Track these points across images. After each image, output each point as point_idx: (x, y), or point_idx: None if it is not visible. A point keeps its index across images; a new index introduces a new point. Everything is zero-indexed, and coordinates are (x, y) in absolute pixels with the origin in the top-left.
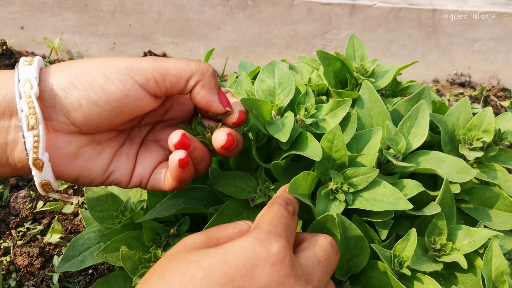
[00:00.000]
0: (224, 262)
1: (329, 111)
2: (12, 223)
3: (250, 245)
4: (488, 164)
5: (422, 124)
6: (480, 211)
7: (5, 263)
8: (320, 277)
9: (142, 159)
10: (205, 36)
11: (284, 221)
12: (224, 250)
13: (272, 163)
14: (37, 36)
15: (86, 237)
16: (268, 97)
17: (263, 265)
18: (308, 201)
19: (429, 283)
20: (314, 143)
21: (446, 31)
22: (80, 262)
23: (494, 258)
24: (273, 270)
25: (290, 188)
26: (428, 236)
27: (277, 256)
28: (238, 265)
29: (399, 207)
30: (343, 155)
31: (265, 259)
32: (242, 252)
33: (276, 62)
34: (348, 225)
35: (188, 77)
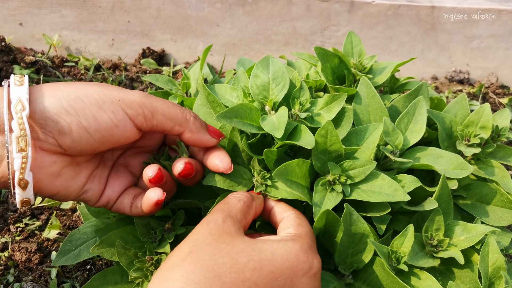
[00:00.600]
0: (272, 260)
1: (324, 106)
2: (10, 218)
3: (295, 253)
4: (486, 160)
5: (420, 120)
6: (478, 207)
7: (3, 259)
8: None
9: (112, 182)
10: (204, 33)
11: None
12: (272, 249)
13: (264, 151)
14: (36, 33)
15: (83, 232)
16: (263, 92)
17: (303, 275)
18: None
19: (426, 279)
20: (307, 134)
21: (445, 28)
22: (76, 256)
23: (491, 253)
24: (309, 281)
25: (278, 172)
26: (426, 232)
27: (315, 270)
28: (283, 268)
29: (397, 198)
30: (338, 148)
31: (306, 270)
32: (288, 257)
33: (271, 57)
34: (355, 217)
35: (175, 123)
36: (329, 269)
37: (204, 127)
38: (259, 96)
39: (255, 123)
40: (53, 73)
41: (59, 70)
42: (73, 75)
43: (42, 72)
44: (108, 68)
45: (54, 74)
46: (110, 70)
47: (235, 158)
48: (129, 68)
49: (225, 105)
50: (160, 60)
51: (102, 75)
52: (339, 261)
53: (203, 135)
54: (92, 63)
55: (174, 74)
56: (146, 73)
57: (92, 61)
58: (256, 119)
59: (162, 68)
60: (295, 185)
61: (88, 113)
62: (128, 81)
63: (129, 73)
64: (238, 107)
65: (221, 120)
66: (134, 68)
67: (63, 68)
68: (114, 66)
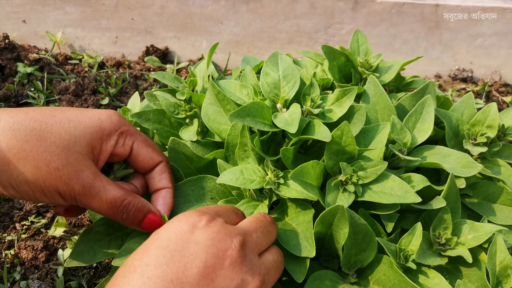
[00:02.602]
0: (156, 238)
1: (335, 101)
2: (16, 216)
3: (176, 220)
4: (492, 159)
5: (427, 119)
6: (484, 206)
7: (9, 257)
8: (251, 232)
9: None
10: (207, 31)
11: (221, 208)
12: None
13: (281, 150)
14: (39, 30)
15: (96, 231)
16: (274, 90)
17: (191, 229)
18: (314, 191)
19: (434, 277)
20: (323, 128)
21: (449, 26)
22: (91, 257)
23: (498, 252)
24: (200, 231)
25: (294, 174)
26: (433, 230)
27: (201, 222)
28: (168, 235)
29: (408, 200)
30: (353, 149)
31: (191, 226)
32: (171, 226)
33: (279, 53)
34: (356, 219)
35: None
36: (333, 268)
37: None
38: (270, 94)
39: (267, 121)
40: (57, 70)
41: (63, 68)
42: (77, 72)
43: (46, 69)
44: (111, 65)
45: (58, 71)
46: (113, 68)
47: (246, 158)
48: (133, 66)
49: (236, 103)
50: (164, 58)
51: (106, 73)
52: (344, 262)
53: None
54: (96, 60)
55: (178, 72)
56: (150, 70)
57: (95, 59)
58: (268, 117)
59: (165, 65)
60: (310, 187)
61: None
62: (132, 78)
63: (132, 70)
64: (250, 105)
65: (234, 119)
66: (137, 65)
67: (67, 66)
68: (117, 64)
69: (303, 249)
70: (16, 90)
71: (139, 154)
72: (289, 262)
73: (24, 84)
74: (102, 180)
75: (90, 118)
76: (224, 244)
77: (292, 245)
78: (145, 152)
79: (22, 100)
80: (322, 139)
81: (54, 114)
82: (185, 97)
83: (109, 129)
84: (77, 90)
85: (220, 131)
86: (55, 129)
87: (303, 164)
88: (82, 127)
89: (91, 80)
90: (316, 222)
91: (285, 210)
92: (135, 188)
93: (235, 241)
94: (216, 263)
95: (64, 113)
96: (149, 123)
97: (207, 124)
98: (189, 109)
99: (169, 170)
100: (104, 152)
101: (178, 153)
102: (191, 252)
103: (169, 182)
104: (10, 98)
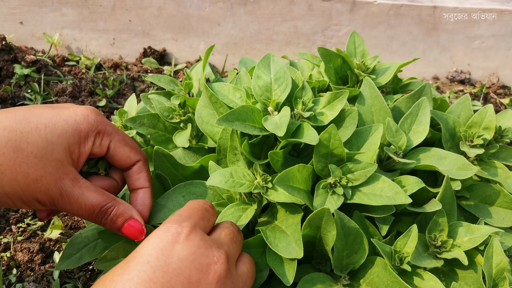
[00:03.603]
0: (136, 255)
1: (326, 104)
2: (12, 218)
3: (155, 235)
4: (489, 161)
5: (423, 121)
6: (481, 208)
7: (5, 259)
8: (229, 244)
9: None
10: (205, 32)
11: (194, 211)
12: (135, 249)
13: (269, 153)
14: (37, 32)
15: (84, 236)
16: (265, 93)
17: (171, 244)
18: (303, 196)
19: (430, 279)
20: (311, 131)
21: (447, 28)
22: (77, 259)
23: (495, 255)
24: (181, 246)
25: (279, 179)
26: (429, 233)
27: (181, 235)
28: (148, 251)
29: (398, 201)
30: (340, 152)
31: (171, 240)
32: (150, 242)
33: (271, 55)
34: (346, 221)
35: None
36: (326, 271)
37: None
38: (262, 97)
39: (258, 125)
40: (54, 72)
41: (60, 69)
42: (74, 74)
43: (43, 71)
44: (109, 67)
45: (55, 73)
46: (111, 69)
47: (236, 161)
48: (130, 67)
49: (228, 106)
50: (161, 60)
51: (103, 74)
52: (335, 264)
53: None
54: (93, 62)
55: (176, 74)
56: (147, 72)
57: (93, 60)
58: (259, 121)
59: (163, 67)
60: (296, 191)
61: (10, 204)
62: (129, 80)
63: (130, 72)
64: (239, 109)
65: (222, 123)
66: (135, 67)
67: (64, 67)
68: (115, 65)
69: (292, 250)
70: (13, 91)
71: (115, 154)
72: (277, 266)
73: (21, 86)
74: (81, 186)
75: (66, 121)
76: (206, 259)
77: (281, 247)
78: (121, 151)
79: (19, 101)
80: (309, 142)
81: (28, 120)
82: (180, 102)
83: (86, 130)
84: (74, 91)
85: (213, 133)
86: (31, 137)
87: (288, 168)
88: (58, 132)
89: (88, 82)
90: (304, 225)
91: (275, 213)
92: (115, 182)
93: (218, 255)
94: (200, 278)
95: (39, 117)
96: (143, 128)
97: (200, 126)
98: (183, 114)
99: (147, 169)
100: (83, 155)
101: (163, 162)
102: (173, 267)
103: (147, 181)
104: (6, 100)
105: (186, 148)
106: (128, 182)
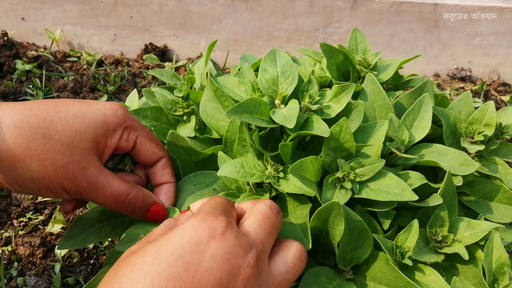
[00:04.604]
0: (169, 244)
1: (333, 97)
2: (13, 213)
3: (191, 226)
4: (489, 157)
5: (425, 117)
6: (481, 204)
7: (6, 253)
8: (263, 239)
9: None
10: (206, 29)
11: (224, 206)
12: (167, 236)
13: (280, 145)
14: (38, 27)
15: (89, 217)
16: (272, 86)
17: (207, 239)
18: (313, 187)
19: (431, 274)
20: (321, 124)
21: (447, 26)
22: (82, 240)
23: (495, 250)
24: (217, 243)
25: (294, 168)
26: (430, 228)
27: (221, 229)
28: (182, 243)
29: (405, 198)
30: (350, 146)
31: (208, 234)
32: (185, 232)
33: (277, 50)
34: (352, 215)
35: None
36: (330, 265)
37: (144, 212)
38: (269, 90)
39: (265, 117)
40: (56, 68)
41: (61, 65)
42: (75, 70)
43: (45, 67)
44: (110, 63)
45: (57, 69)
46: (112, 66)
47: (245, 153)
48: (132, 64)
49: (234, 99)
50: (163, 56)
51: (105, 70)
52: (340, 258)
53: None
54: (95, 58)
55: (177, 70)
56: (149, 68)
57: (94, 56)
58: (266, 113)
59: (164, 63)
60: (308, 182)
61: (37, 191)
62: (130, 76)
63: (131, 68)
64: (247, 102)
65: (231, 116)
66: (136, 63)
67: (66, 63)
68: (116, 62)
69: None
70: (14, 87)
71: (141, 149)
72: None
73: (22, 81)
74: (107, 175)
75: (95, 113)
76: (239, 260)
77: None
78: (147, 147)
79: (20, 97)
80: (321, 134)
81: (58, 109)
82: (183, 94)
83: (114, 124)
84: (76, 87)
85: (218, 127)
86: (60, 126)
87: (302, 158)
88: (87, 123)
89: (89, 78)
90: (312, 218)
91: (284, 204)
92: (140, 178)
93: (250, 256)
94: (230, 281)
95: (68, 107)
96: (147, 120)
97: (205, 120)
98: (186, 106)
99: (170, 165)
100: (109, 147)
101: (176, 147)
102: (206, 267)
103: (171, 176)
104: (8, 95)
105: (192, 138)
106: (152, 178)
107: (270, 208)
